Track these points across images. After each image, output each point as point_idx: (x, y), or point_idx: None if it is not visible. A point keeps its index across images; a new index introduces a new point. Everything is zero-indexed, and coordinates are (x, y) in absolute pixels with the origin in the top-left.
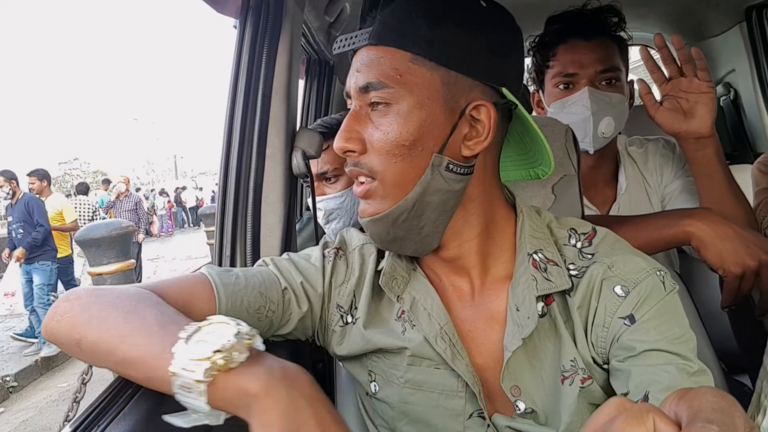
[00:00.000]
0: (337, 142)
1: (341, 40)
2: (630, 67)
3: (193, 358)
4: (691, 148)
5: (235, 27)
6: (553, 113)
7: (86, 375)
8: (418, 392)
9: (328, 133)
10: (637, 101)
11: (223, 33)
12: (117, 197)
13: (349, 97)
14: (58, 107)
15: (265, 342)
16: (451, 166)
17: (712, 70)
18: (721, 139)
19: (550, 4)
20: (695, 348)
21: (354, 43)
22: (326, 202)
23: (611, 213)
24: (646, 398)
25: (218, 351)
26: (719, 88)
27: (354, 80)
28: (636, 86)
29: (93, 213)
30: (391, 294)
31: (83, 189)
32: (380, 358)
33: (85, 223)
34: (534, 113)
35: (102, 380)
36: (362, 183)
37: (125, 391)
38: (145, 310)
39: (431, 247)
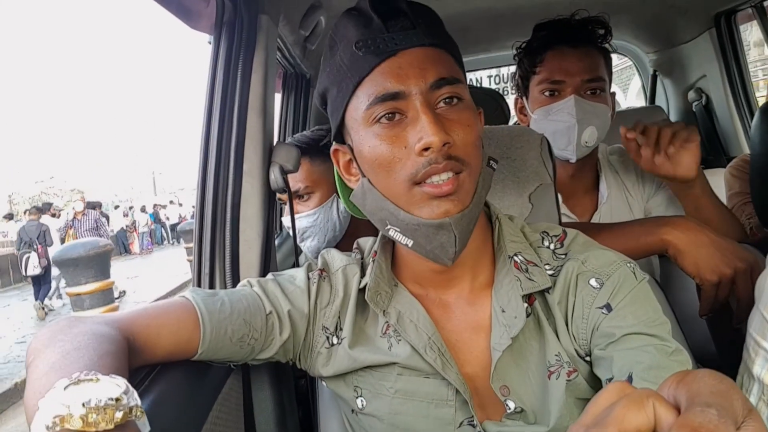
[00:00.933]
0: (436, 135)
1: (376, 42)
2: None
3: (63, 402)
4: (678, 188)
5: (209, 43)
6: (538, 119)
7: None
8: (408, 402)
9: (305, 148)
10: (618, 107)
11: (200, 48)
12: (74, 216)
13: (396, 98)
14: (34, 126)
15: (245, 364)
16: (491, 162)
17: (683, 76)
18: None
19: (537, 12)
20: (670, 330)
21: (407, 43)
22: (299, 220)
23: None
24: (630, 379)
25: (84, 405)
26: (691, 94)
27: (420, 78)
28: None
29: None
30: (376, 309)
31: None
32: (368, 373)
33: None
34: (516, 120)
35: None
36: (444, 181)
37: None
38: (71, 354)
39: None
